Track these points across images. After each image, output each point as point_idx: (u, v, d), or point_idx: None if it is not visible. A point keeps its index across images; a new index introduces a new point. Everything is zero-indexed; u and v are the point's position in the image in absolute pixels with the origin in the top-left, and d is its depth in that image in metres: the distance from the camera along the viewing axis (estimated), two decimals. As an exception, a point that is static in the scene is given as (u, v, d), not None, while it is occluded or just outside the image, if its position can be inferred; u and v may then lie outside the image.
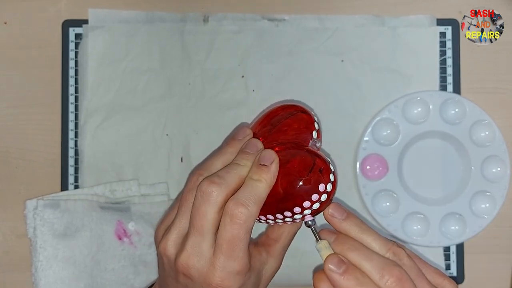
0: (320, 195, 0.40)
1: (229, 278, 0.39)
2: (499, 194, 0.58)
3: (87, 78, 0.59)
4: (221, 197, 0.39)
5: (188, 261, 0.39)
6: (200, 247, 0.39)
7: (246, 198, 0.39)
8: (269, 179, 0.40)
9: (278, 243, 0.44)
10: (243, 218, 0.38)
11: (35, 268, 0.55)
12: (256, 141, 0.43)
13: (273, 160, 0.41)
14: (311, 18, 0.60)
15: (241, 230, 0.38)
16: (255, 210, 0.39)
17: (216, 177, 0.39)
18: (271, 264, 0.44)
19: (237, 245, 0.38)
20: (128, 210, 0.58)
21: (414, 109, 0.58)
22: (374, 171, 0.58)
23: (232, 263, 0.39)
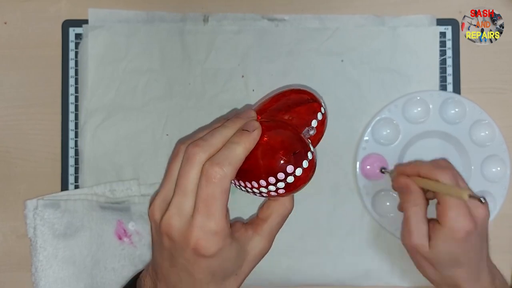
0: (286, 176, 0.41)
1: (205, 238, 0.39)
2: (499, 194, 0.58)
3: (87, 78, 0.59)
4: (203, 157, 0.40)
5: (170, 220, 0.40)
6: (182, 207, 0.40)
7: (222, 159, 0.40)
8: (248, 143, 0.41)
9: (266, 223, 0.45)
10: (217, 177, 0.39)
11: (35, 268, 0.55)
12: (250, 110, 0.45)
13: (255, 128, 0.42)
14: (311, 18, 0.60)
15: (216, 189, 0.39)
16: (230, 170, 0.39)
17: (200, 140, 0.41)
18: (257, 242, 0.44)
19: (213, 204, 0.39)
20: (128, 210, 0.58)
21: (414, 109, 0.58)
22: (374, 171, 0.58)
23: (208, 222, 0.39)
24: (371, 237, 0.59)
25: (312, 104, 0.46)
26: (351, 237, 0.59)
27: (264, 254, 0.45)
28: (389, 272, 0.59)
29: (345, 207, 0.59)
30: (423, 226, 0.48)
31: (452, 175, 0.49)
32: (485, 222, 0.48)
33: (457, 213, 0.46)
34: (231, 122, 0.43)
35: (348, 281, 0.59)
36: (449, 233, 0.46)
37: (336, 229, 0.59)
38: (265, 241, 0.45)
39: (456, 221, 0.46)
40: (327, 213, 0.59)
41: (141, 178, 0.59)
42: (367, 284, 0.59)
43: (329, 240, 0.59)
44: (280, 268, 0.59)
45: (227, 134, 0.42)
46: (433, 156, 0.59)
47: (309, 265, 0.59)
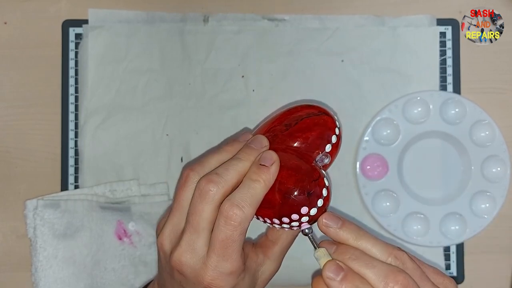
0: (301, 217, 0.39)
1: (220, 278, 0.38)
2: (499, 194, 0.58)
3: (87, 78, 0.59)
4: (218, 195, 0.38)
5: (181, 257, 0.39)
6: (195, 245, 0.39)
7: (241, 199, 0.38)
8: (267, 180, 0.39)
9: (277, 246, 0.44)
10: (237, 220, 0.37)
11: (35, 268, 0.55)
12: (261, 138, 0.42)
13: (273, 162, 0.40)
14: (311, 18, 0.60)
15: (235, 231, 0.38)
16: (250, 212, 0.38)
17: (214, 175, 0.39)
18: (268, 266, 0.44)
19: (230, 246, 0.38)
20: (128, 210, 0.58)
21: (414, 109, 0.58)
22: (374, 171, 0.58)
23: (224, 264, 0.38)
24: (371, 237, 0.59)
25: (325, 121, 0.43)
26: (351, 237, 0.59)
27: (274, 275, 0.45)
28: (389, 272, 0.59)
29: (345, 207, 0.59)
30: None
31: None
32: None
33: None
34: (245, 154, 0.41)
35: (348, 281, 0.59)
36: None
37: (336, 229, 0.59)
38: (275, 264, 0.44)
39: None
40: (327, 213, 0.59)
41: (141, 178, 0.59)
42: (367, 284, 0.59)
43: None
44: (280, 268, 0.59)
45: (242, 169, 0.40)
46: (433, 156, 0.59)
47: (309, 265, 0.59)
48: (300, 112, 0.43)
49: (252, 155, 0.41)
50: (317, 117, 0.43)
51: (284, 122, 0.43)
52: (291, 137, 0.42)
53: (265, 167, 0.39)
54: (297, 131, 0.42)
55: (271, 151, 0.41)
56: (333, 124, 0.43)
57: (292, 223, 0.40)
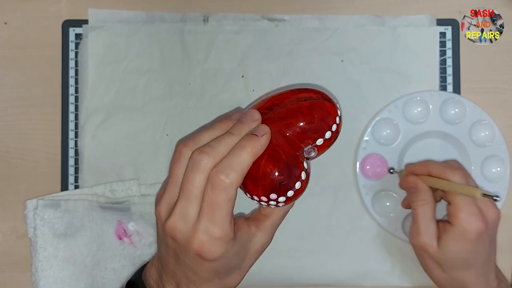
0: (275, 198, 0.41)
1: (209, 242, 0.40)
2: (499, 194, 0.58)
3: (87, 78, 0.59)
4: (209, 164, 0.40)
5: (175, 224, 0.41)
6: (187, 211, 0.40)
7: (227, 166, 0.39)
8: (255, 148, 0.40)
9: (269, 219, 0.45)
10: (222, 185, 0.39)
11: (35, 268, 0.55)
12: (253, 112, 0.43)
13: (265, 133, 0.41)
14: (311, 18, 0.60)
15: (220, 196, 0.39)
16: (235, 178, 0.39)
17: (206, 147, 0.41)
18: (259, 238, 0.45)
19: (218, 211, 0.39)
20: (128, 210, 0.58)
21: (414, 109, 0.58)
22: (374, 171, 0.58)
23: (212, 228, 0.40)
24: (371, 237, 0.59)
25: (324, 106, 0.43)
26: (351, 237, 0.59)
27: (266, 247, 0.46)
28: (389, 272, 0.59)
29: (345, 207, 0.59)
30: (432, 226, 0.48)
31: (463, 175, 0.48)
32: (496, 223, 0.48)
33: (469, 213, 0.46)
34: (237, 129, 0.42)
35: (348, 281, 0.59)
36: (460, 234, 0.46)
37: (336, 229, 0.59)
38: (267, 236, 0.45)
39: (468, 222, 0.46)
40: (327, 213, 0.59)
41: (141, 178, 0.59)
42: (367, 284, 0.59)
43: (329, 240, 0.59)
44: (280, 268, 0.59)
45: (234, 142, 0.41)
46: (433, 156, 0.59)
47: (309, 265, 0.59)
48: (298, 94, 0.44)
49: (244, 129, 0.42)
50: (316, 101, 0.43)
51: (278, 102, 0.44)
52: (284, 119, 0.43)
53: (255, 136, 0.41)
54: (290, 115, 0.43)
55: (264, 125, 0.42)
56: (334, 111, 0.44)
57: (278, 198, 0.41)
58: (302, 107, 0.43)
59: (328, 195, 0.59)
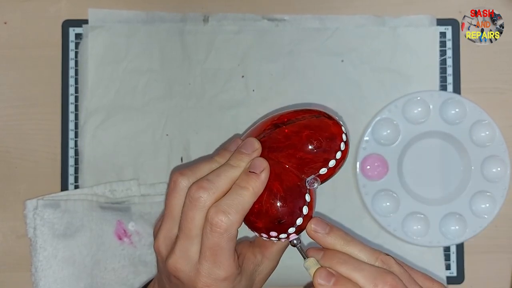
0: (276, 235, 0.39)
1: (215, 285, 0.38)
2: (499, 194, 0.58)
3: (87, 78, 0.59)
4: (209, 202, 0.38)
5: (176, 264, 0.39)
6: (188, 251, 0.39)
7: (228, 205, 0.37)
8: (256, 188, 0.38)
9: (275, 246, 0.43)
10: (223, 226, 0.37)
11: (35, 268, 0.55)
12: (252, 141, 0.41)
13: (263, 169, 0.39)
14: (311, 18, 0.60)
15: (222, 238, 0.37)
16: (236, 219, 0.37)
17: (205, 181, 0.38)
18: (265, 266, 0.43)
19: (219, 253, 0.38)
20: (128, 210, 0.58)
21: (414, 109, 0.58)
22: (374, 171, 0.58)
23: (216, 271, 0.38)
24: (371, 237, 0.59)
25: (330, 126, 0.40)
26: (351, 237, 0.59)
27: (272, 272, 0.45)
28: (389, 272, 0.59)
29: (345, 207, 0.59)
30: None
31: None
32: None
33: None
34: (237, 160, 0.40)
35: (348, 281, 0.59)
36: None
37: (336, 229, 0.59)
38: (273, 263, 0.44)
39: None
40: (327, 213, 0.59)
41: (141, 178, 0.59)
42: (367, 284, 0.59)
43: (329, 240, 0.59)
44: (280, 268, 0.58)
45: (233, 175, 0.39)
46: (433, 156, 0.59)
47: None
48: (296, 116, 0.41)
49: (243, 160, 0.40)
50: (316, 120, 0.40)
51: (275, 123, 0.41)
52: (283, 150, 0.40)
53: (254, 174, 0.39)
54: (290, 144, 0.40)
55: (262, 158, 0.40)
56: (339, 137, 0.40)
57: (280, 235, 0.39)
58: (302, 136, 0.40)
59: (328, 195, 0.59)
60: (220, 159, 0.41)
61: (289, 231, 0.39)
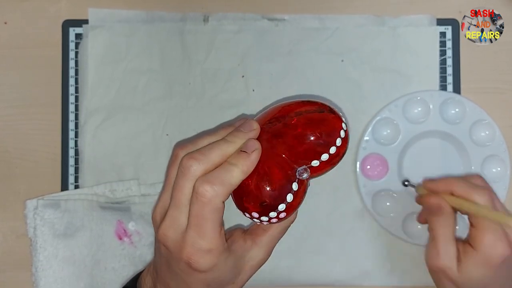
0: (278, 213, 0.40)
1: (197, 254, 0.39)
2: (499, 194, 0.58)
3: (87, 78, 0.59)
4: (199, 172, 0.38)
5: (166, 231, 0.40)
6: (177, 220, 0.39)
7: (214, 177, 0.38)
8: (245, 166, 0.39)
9: (266, 234, 0.44)
10: (207, 196, 0.37)
11: (35, 268, 0.55)
12: (252, 121, 0.42)
13: (254, 149, 0.39)
14: (311, 18, 0.60)
15: (205, 208, 0.38)
16: (221, 191, 0.38)
17: (196, 153, 0.39)
18: (255, 253, 0.44)
19: (203, 223, 0.38)
20: (128, 210, 0.58)
21: (414, 109, 0.58)
22: (374, 171, 0.58)
23: (200, 241, 0.38)
24: (371, 237, 0.59)
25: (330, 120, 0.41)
26: (351, 237, 0.59)
27: (263, 263, 0.45)
28: (389, 272, 0.59)
29: (345, 207, 0.59)
30: (452, 248, 0.46)
31: (489, 196, 0.46)
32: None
33: (494, 238, 0.44)
34: (233, 137, 0.40)
35: (347, 281, 0.59)
36: (483, 258, 0.44)
37: (336, 229, 0.59)
38: (264, 252, 0.44)
39: (493, 247, 0.44)
40: (327, 213, 0.59)
41: (141, 178, 0.59)
42: (367, 284, 0.59)
43: (329, 240, 0.59)
44: (280, 268, 0.59)
45: (227, 150, 0.40)
46: (433, 156, 0.59)
47: (309, 265, 0.59)
48: (301, 108, 0.42)
49: (240, 137, 0.40)
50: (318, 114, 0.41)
51: (279, 116, 0.42)
52: (279, 136, 0.41)
53: (245, 153, 0.39)
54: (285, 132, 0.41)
55: (255, 140, 0.40)
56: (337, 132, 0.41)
57: (261, 217, 0.40)
58: (298, 124, 0.41)
59: (328, 195, 0.59)
60: (222, 131, 0.42)
61: (270, 214, 0.39)
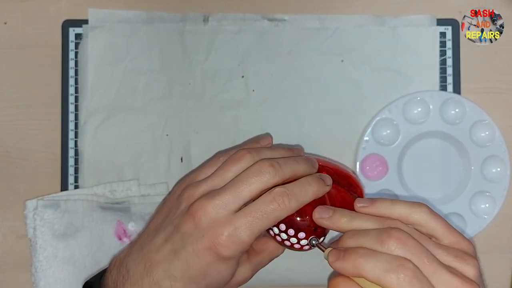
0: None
1: (230, 241, 0.40)
2: (499, 194, 0.58)
3: (87, 78, 0.59)
4: (272, 180, 0.41)
5: (208, 206, 0.40)
6: (227, 203, 0.41)
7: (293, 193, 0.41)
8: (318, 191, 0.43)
9: (258, 256, 0.46)
10: (281, 205, 0.40)
11: (35, 268, 0.55)
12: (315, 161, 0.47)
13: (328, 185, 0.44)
14: (311, 18, 0.60)
15: (273, 213, 0.40)
16: (293, 206, 0.41)
17: (276, 163, 0.42)
18: (245, 270, 0.45)
19: (260, 222, 0.40)
20: (128, 210, 0.58)
21: (414, 109, 0.58)
22: (374, 171, 0.58)
23: (245, 231, 0.40)
24: (371, 237, 0.59)
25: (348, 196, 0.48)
26: (351, 237, 0.59)
27: (244, 283, 0.46)
28: (389, 272, 0.59)
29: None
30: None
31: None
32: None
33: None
34: (303, 161, 0.45)
35: (348, 281, 0.59)
36: None
37: (336, 229, 0.59)
38: (251, 272, 0.46)
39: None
40: (327, 213, 0.59)
41: (141, 179, 0.59)
42: (367, 284, 0.59)
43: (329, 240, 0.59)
44: (280, 268, 0.59)
45: (297, 169, 0.43)
46: (433, 156, 0.59)
47: (309, 265, 0.59)
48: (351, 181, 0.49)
49: (308, 165, 0.45)
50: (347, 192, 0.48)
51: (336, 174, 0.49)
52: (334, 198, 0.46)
53: (322, 181, 0.43)
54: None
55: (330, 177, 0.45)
56: None
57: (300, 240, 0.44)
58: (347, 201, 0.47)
59: (328, 195, 0.59)
60: (283, 151, 0.46)
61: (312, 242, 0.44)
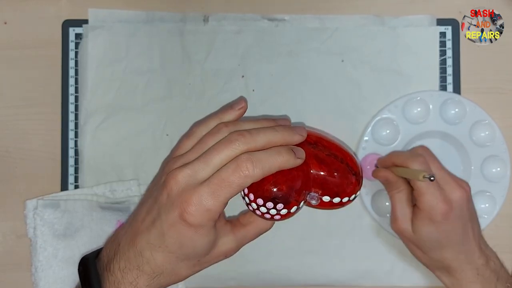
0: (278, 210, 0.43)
1: (196, 208, 0.40)
2: (499, 194, 0.58)
3: (87, 78, 0.59)
4: (242, 147, 0.42)
5: (179, 175, 0.41)
6: (198, 173, 0.41)
7: (259, 160, 0.41)
8: (287, 162, 0.42)
9: (244, 229, 0.46)
10: (245, 172, 0.40)
11: (35, 268, 0.55)
12: (304, 129, 0.46)
13: (300, 158, 0.43)
14: (311, 18, 0.60)
15: (236, 180, 0.40)
16: (258, 174, 0.41)
17: (247, 132, 0.42)
18: (228, 240, 0.45)
19: (223, 189, 0.40)
20: (128, 210, 0.58)
21: (414, 109, 0.58)
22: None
23: (208, 199, 0.40)
24: (371, 237, 0.59)
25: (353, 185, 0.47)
26: (350, 237, 0.59)
27: (229, 255, 0.46)
28: (389, 272, 0.59)
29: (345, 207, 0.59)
30: (407, 211, 0.51)
31: (421, 161, 0.50)
32: (462, 204, 0.49)
33: (430, 196, 0.48)
34: (282, 129, 0.44)
35: (348, 281, 0.59)
36: (426, 216, 0.49)
37: (336, 229, 0.59)
38: (235, 244, 0.46)
39: (430, 205, 0.48)
40: (327, 213, 0.59)
41: (141, 178, 0.59)
42: (367, 284, 0.59)
43: (329, 240, 0.59)
44: (280, 268, 0.59)
45: (273, 139, 0.43)
46: (433, 156, 0.59)
47: (309, 265, 0.59)
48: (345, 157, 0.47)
49: (288, 134, 0.44)
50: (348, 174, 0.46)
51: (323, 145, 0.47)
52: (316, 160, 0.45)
53: (293, 153, 0.43)
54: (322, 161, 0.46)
55: (303, 152, 0.44)
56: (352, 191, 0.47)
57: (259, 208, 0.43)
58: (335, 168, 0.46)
59: (328, 195, 0.59)
60: (265, 121, 0.46)
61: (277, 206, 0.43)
